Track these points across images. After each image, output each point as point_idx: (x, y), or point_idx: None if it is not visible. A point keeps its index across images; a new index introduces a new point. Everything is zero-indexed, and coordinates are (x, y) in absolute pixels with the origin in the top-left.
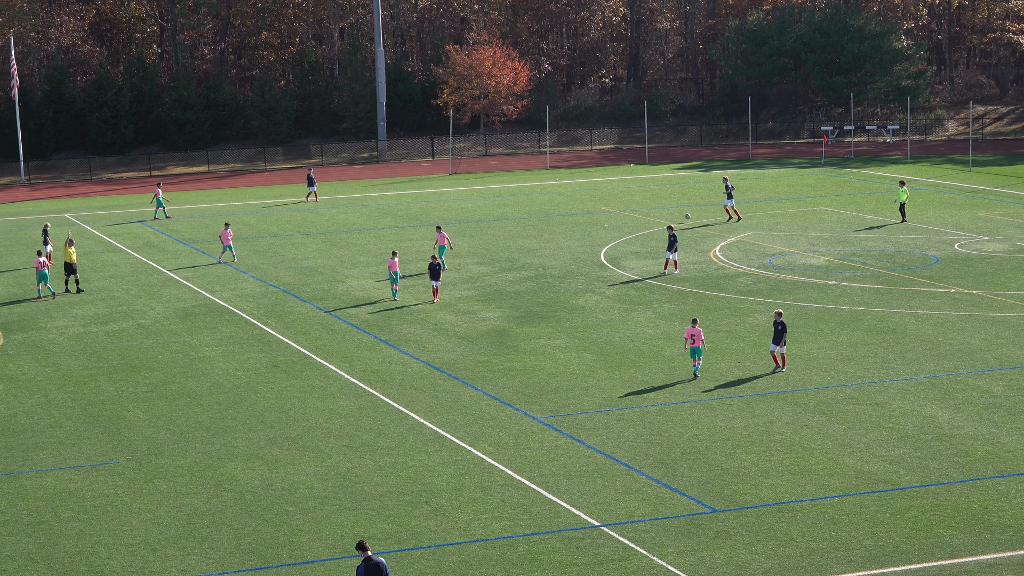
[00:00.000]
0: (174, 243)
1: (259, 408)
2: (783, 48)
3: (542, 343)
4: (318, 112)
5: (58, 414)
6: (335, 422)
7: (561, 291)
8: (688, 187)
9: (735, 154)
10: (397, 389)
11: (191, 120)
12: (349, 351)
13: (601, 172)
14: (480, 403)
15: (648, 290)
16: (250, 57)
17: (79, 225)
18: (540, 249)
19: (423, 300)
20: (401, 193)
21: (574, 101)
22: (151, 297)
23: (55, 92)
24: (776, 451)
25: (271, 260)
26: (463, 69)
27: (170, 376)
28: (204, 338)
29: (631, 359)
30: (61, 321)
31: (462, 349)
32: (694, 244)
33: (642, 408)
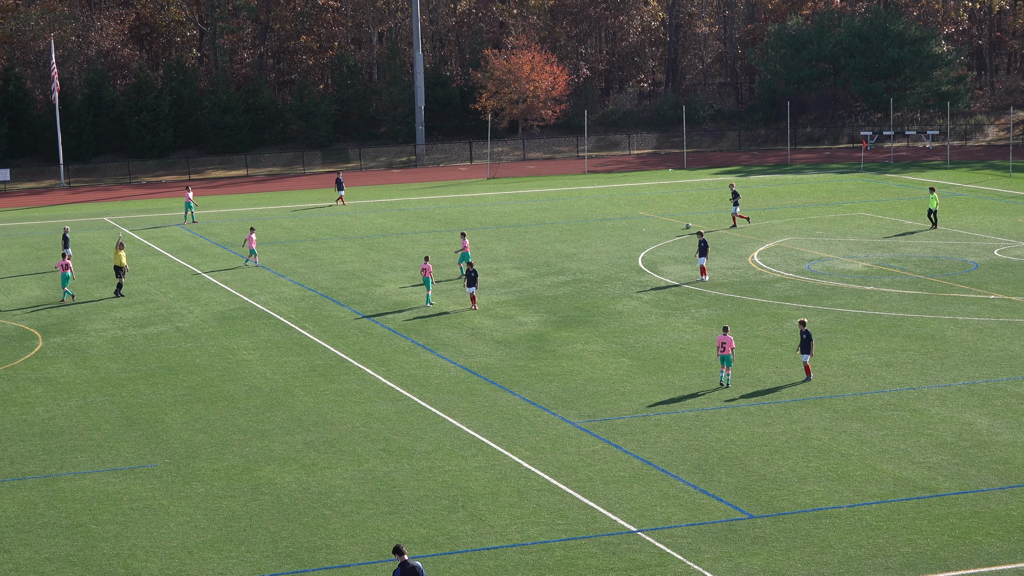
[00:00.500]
0: (212, 246)
1: (296, 412)
2: (822, 53)
3: (579, 348)
4: (356, 116)
5: (96, 417)
6: (372, 426)
7: (598, 296)
8: (726, 192)
9: (773, 159)
10: (434, 393)
11: (230, 124)
12: (386, 355)
13: (639, 177)
14: (517, 407)
15: (686, 295)
16: (289, 61)
17: (118, 228)
18: (578, 254)
19: (462, 305)
20: (439, 197)
21: (612, 106)
22: (189, 300)
23: (95, 96)
24: (814, 457)
25: (309, 264)
26: (501, 73)
27: (208, 379)
28: (242, 341)
29: (668, 364)
30: (100, 324)
31: (499, 353)
32: (732, 249)
33: (679, 413)
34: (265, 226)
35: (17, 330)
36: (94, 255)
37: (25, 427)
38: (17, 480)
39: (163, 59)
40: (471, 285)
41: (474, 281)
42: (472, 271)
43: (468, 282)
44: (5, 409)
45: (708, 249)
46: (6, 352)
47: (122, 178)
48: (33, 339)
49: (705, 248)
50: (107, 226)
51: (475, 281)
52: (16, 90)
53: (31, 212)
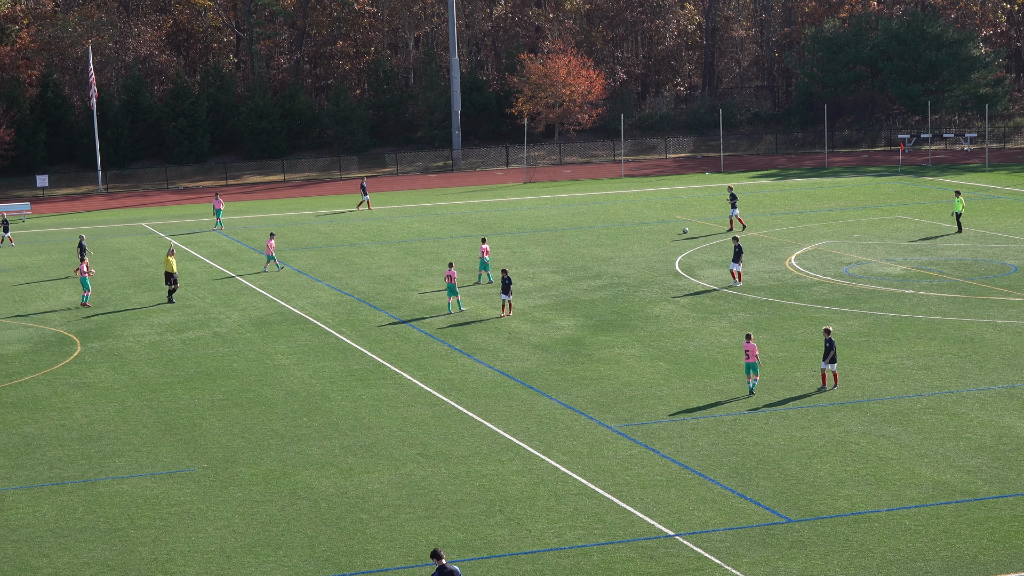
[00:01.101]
0: (249, 251)
1: (334, 416)
2: (860, 56)
3: (616, 352)
4: (393, 121)
5: (134, 421)
6: (409, 430)
7: (635, 300)
8: (763, 195)
9: (811, 162)
10: (471, 398)
11: (267, 129)
12: (423, 360)
13: (676, 180)
14: (554, 412)
15: (723, 299)
16: (326, 66)
17: (156, 234)
18: (615, 258)
19: (499, 309)
20: (475, 202)
21: (649, 109)
22: (227, 305)
23: (132, 102)
24: (852, 461)
25: (346, 269)
26: (538, 78)
27: (245, 384)
28: (279, 346)
29: (706, 368)
30: (138, 329)
31: (536, 358)
32: (769, 253)
33: (717, 417)
34: (301, 231)
35: (56, 335)
36: (132, 260)
37: (64, 432)
38: (56, 485)
39: (200, 65)
40: (505, 292)
41: (508, 288)
42: (507, 278)
43: (503, 288)
44: (44, 414)
45: (742, 255)
46: (45, 357)
47: (159, 183)
48: (71, 344)
49: (739, 253)
50: (144, 232)
51: (509, 288)
52: (54, 96)
53: (68, 218)
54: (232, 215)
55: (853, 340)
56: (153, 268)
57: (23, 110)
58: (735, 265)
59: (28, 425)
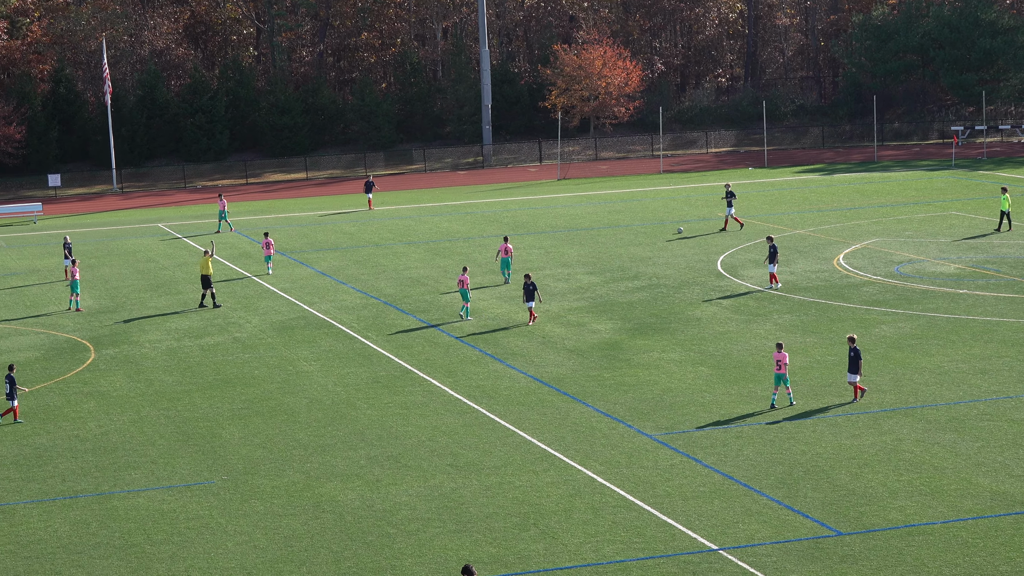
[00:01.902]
0: None
1: (359, 425)
2: (910, 44)
3: (656, 356)
4: (420, 116)
5: (151, 432)
6: (439, 440)
7: (676, 302)
8: (809, 191)
9: (859, 156)
10: (503, 405)
11: (288, 125)
12: (453, 365)
13: (718, 176)
14: (591, 420)
15: (767, 300)
16: (350, 59)
17: (174, 236)
18: (653, 258)
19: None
20: (507, 200)
21: (689, 102)
22: (247, 309)
23: (148, 97)
24: (905, 470)
25: (372, 270)
26: (572, 70)
27: (267, 392)
28: (302, 352)
29: (750, 373)
30: (154, 335)
31: (572, 363)
32: (816, 252)
33: (762, 425)
34: (325, 231)
35: (69, 342)
36: (148, 263)
37: (77, 443)
38: (69, 499)
39: (219, 58)
40: (529, 299)
41: (532, 295)
42: (530, 283)
43: (525, 296)
44: (57, 424)
45: (778, 255)
46: (58, 365)
47: (177, 182)
48: (85, 351)
49: (775, 254)
50: (161, 233)
51: (533, 295)
52: (67, 92)
53: (81, 219)
54: (253, 215)
55: (905, 343)
56: (170, 271)
57: (34, 106)
58: (772, 267)
59: (40, 436)
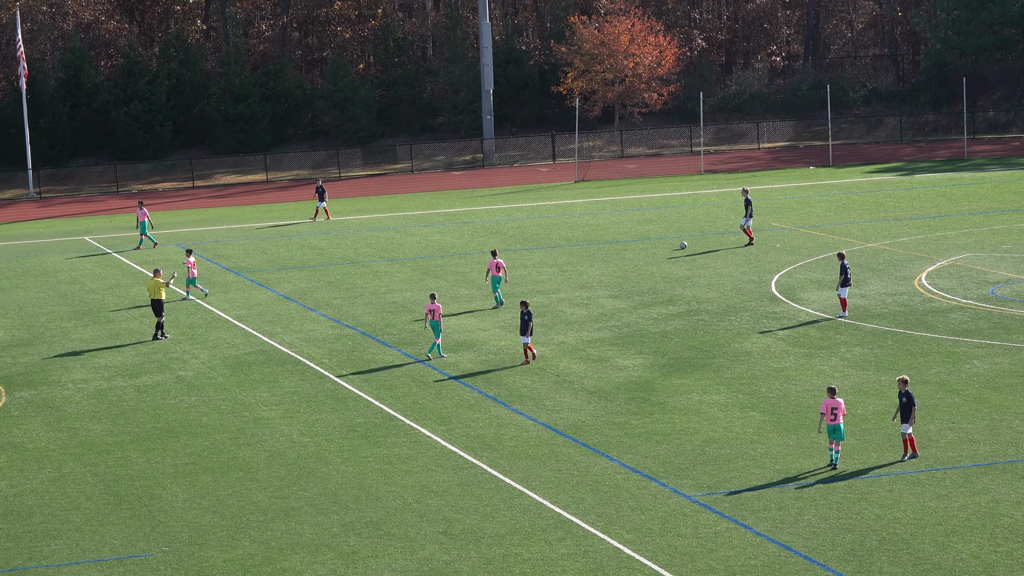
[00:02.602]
0: (222, 272)
1: (331, 484)
2: (1007, 14)
3: (696, 399)
4: (406, 104)
5: (75, 493)
6: (429, 502)
7: (720, 331)
8: (884, 196)
9: (946, 152)
10: (509, 459)
11: (245, 115)
12: (447, 410)
13: (771, 177)
14: (616, 477)
15: (833, 329)
16: (320, 34)
17: (103, 251)
18: (693, 277)
19: (541, 344)
20: (513, 207)
21: (736, 86)
22: (193, 342)
23: (73, 81)
24: (1003, 539)
25: (347, 294)
26: (592, 47)
27: (218, 443)
28: (261, 394)
29: (812, 419)
30: (79, 373)
31: (592, 407)
32: (893, 270)
33: (827, 484)
34: (290, 246)
35: None
36: (72, 285)
37: None
38: None
39: (159, 34)
40: (524, 332)
41: (527, 327)
42: (526, 313)
43: (522, 328)
44: None
45: (850, 276)
46: None
47: (107, 186)
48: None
49: (846, 275)
50: (88, 248)
51: (528, 327)
52: None
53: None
54: (200, 226)
55: (1003, 382)
56: (99, 295)
57: None
58: (842, 290)
59: None
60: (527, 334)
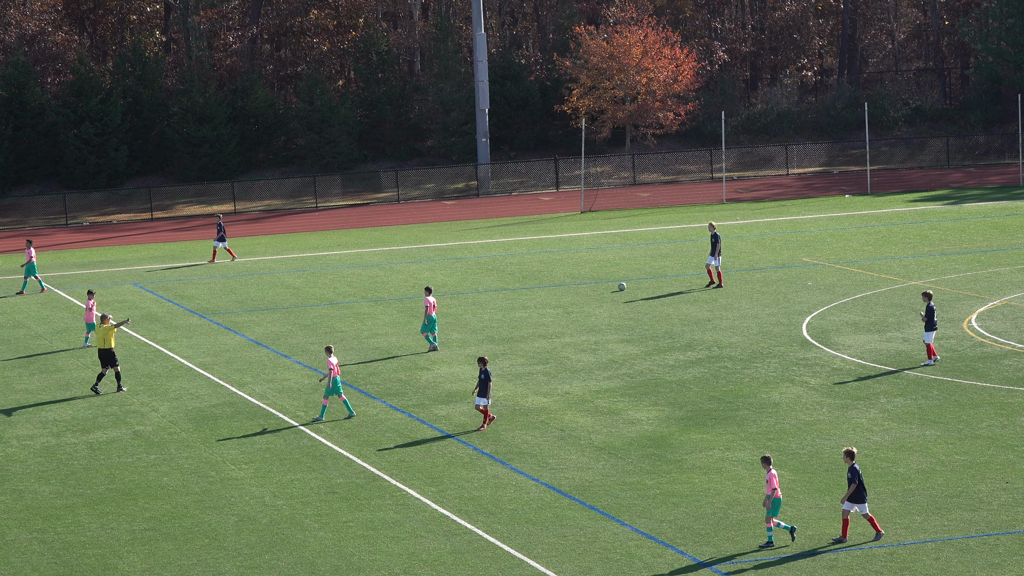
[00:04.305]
0: (185, 315)
1: (308, 552)
2: None
3: (718, 456)
4: (391, 125)
5: (20, 563)
6: (418, 572)
7: (745, 380)
8: (929, 227)
9: (999, 178)
10: (507, 524)
11: (209, 138)
12: (437, 469)
13: (802, 206)
14: (628, 544)
15: (872, 378)
16: (294, 47)
17: (52, 291)
18: (714, 320)
19: (545, 394)
20: (511, 240)
21: (762, 104)
22: (152, 393)
23: (15, 100)
24: None
25: (324, 338)
26: (601, 60)
27: (180, 507)
28: (229, 452)
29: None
30: (24, 428)
31: (601, 465)
32: (939, 310)
33: (865, 550)
34: (261, 285)
35: None
36: (16, 329)
37: None
38: None
39: (113, 46)
40: (484, 394)
41: (486, 389)
42: (484, 371)
43: (481, 389)
44: None
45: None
46: None
47: (55, 218)
48: None
49: (933, 317)
50: (33, 287)
51: (487, 389)
52: None
53: None
54: (159, 262)
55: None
56: (46, 340)
57: None
58: (928, 335)
59: None
60: (486, 396)
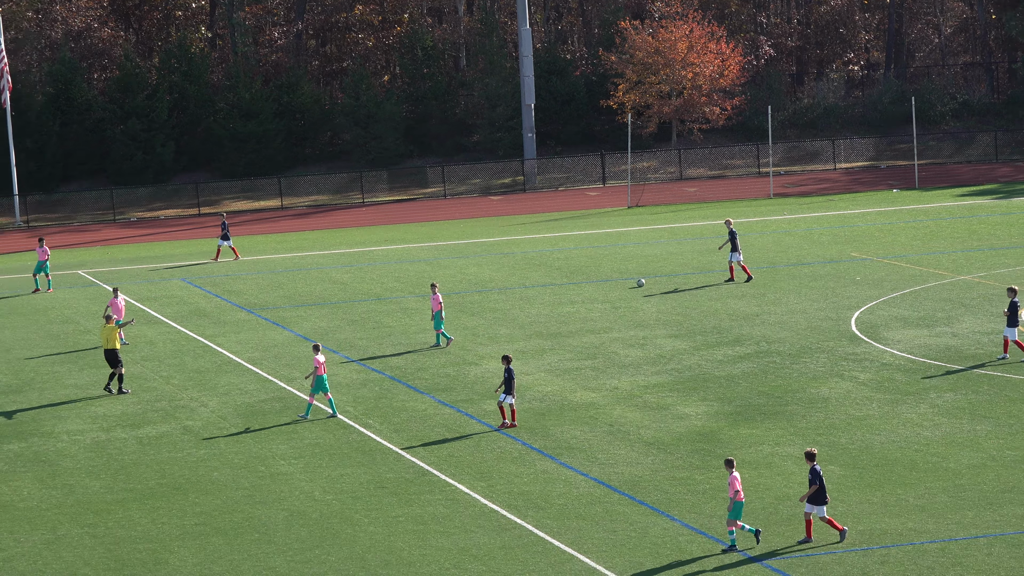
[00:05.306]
0: (233, 310)
1: (358, 547)
2: None
3: (767, 451)
4: (437, 120)
5: (72, 557)
6: (467, 567)
7: (794, 375)
8: (977, 222)
9: None
10: (556, 519)
11: (256, 134)
12: (487, 464)
13: (850, 201)
14: (678, 539)
15: (922, 373)
16: (339, 42)
17: (98, 286)
18: (762, 315)
19: (593, 389)
20: (558, 235)
21: (808, 99)
22: (202, 388)
23: (63, 96)
24: None
25: (373, 334)
26: (646, 55)
27: (230, 502)
28: (278, 447)
29: (898, 474)
30: (74, 423)
31: (650, 460)
32: (988, 305)
33: (916, 545)
34: (309, 280)
35: None
36: (65, 325)
37: None
38: None
39: (159, 42)
40: (510, 391)
41: (511, 386)
42: (509, 370)
43: (507, 387)
44: None
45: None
46: None
47: (103, 214)
48: None
49: (1015, 312)
50: (83, 282)
51: (512, 386)
52: None
53: None
54: (210, 258)
55: None
56: (95, 335)
57: None
58: (1009, 331)
59: None
60: (511, 393)
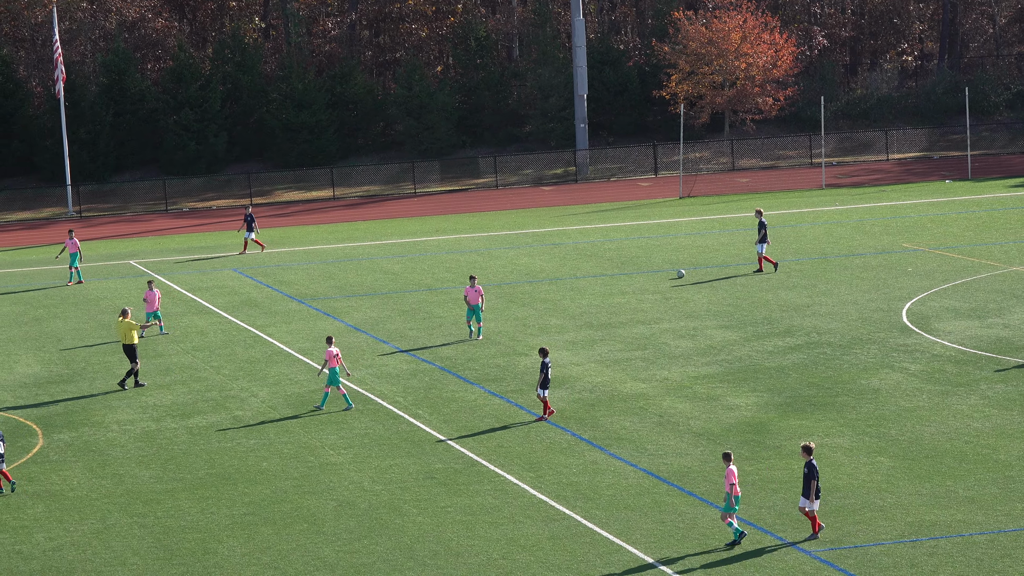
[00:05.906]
0: (284, 300)
1: (407, 537)
2: None
3: (817, 443)
4: (490, 111)
5: (121, 547)
6: (516, 558)
7: (844, 366)
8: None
9: None
10: (606, 510)
11: (308, 124)
12: (536, 455)
13: (902, 192)
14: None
15: (973, 364)
16: (392, 33)
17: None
18: (813, 305)
19: (643, 379)
20: (609, 226)
21: (861, 89)
22: (252, 378)
23: (116, 87)
24: None
25: (423, 324)
26: (699, 46)
27: (279, 492)
28: (328, 437)
29: (948, 465)
30: (124, 413)
31: (700, 451)
32: None
33: (965, 537)
34: (360, 270)
35: (8, 422)
36: (116, 315)
37: (20, 562)
38: None
39: (212, 33)
40: (545, 385)
41: (546, 380)
42: (546, 364)
43: (543, 380)
44: None
45: None
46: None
47: (155, 204)
48: (31, 435)
49: None
50: (134, 272)
51: (547, 380)
52: (5, 80)
53: (26, 254)
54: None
55: None
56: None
57: None
58: None
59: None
60: (546, 386)
